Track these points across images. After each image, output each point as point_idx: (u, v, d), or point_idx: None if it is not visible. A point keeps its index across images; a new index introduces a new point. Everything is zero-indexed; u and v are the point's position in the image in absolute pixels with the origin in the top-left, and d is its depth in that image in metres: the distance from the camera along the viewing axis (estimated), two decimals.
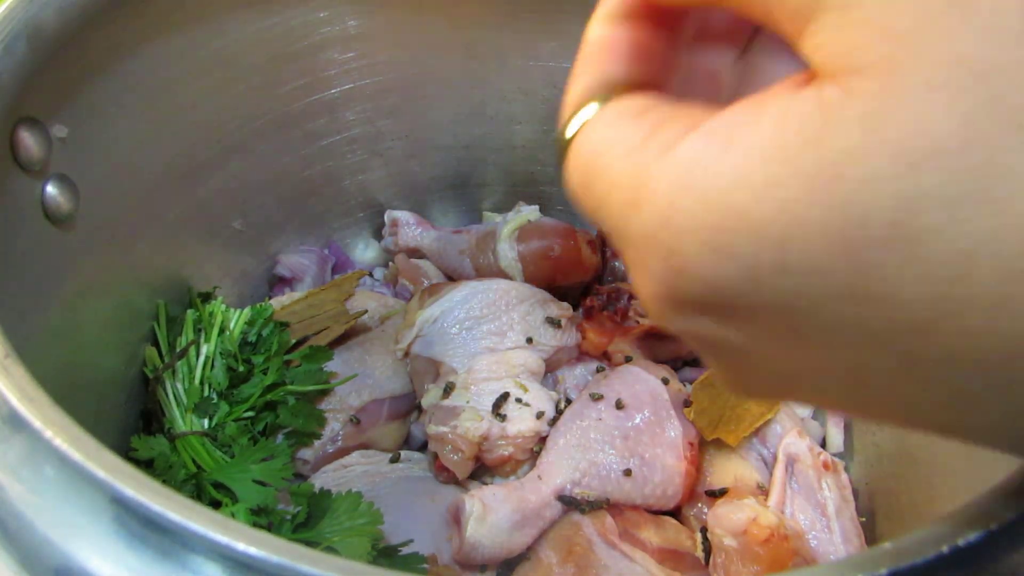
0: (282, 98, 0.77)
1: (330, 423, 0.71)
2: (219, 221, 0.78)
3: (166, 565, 0.26)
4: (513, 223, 0.84)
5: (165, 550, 0.27)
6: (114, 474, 0.27)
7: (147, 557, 0.27)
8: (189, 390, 0.68)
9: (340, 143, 0.83)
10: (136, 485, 0.26)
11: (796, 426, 0.72)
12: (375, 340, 0.77)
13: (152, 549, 0.27)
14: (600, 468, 0.66)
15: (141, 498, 0.26)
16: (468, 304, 0.75)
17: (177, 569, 0.26)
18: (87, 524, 0.28)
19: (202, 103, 0.70)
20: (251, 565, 0.25)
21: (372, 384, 0.74)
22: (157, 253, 0.71)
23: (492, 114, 0.86)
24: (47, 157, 0.55)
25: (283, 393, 0.70)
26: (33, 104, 0.53)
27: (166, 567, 0.26)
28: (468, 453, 0.67)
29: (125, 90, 0.61)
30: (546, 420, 0.70)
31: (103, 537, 0.27)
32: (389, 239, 0.89)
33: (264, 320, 0.74)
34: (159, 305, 0.71)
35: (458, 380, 0.71)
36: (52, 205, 0.56)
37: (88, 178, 0.59)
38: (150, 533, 0.27)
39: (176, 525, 0.26)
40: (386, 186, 0.89)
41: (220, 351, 0.71)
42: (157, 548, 0.27)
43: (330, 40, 0.76)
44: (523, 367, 0.73)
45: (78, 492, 0.28)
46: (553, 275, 0.82)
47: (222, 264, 0.80)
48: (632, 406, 0.69)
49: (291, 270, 0.85)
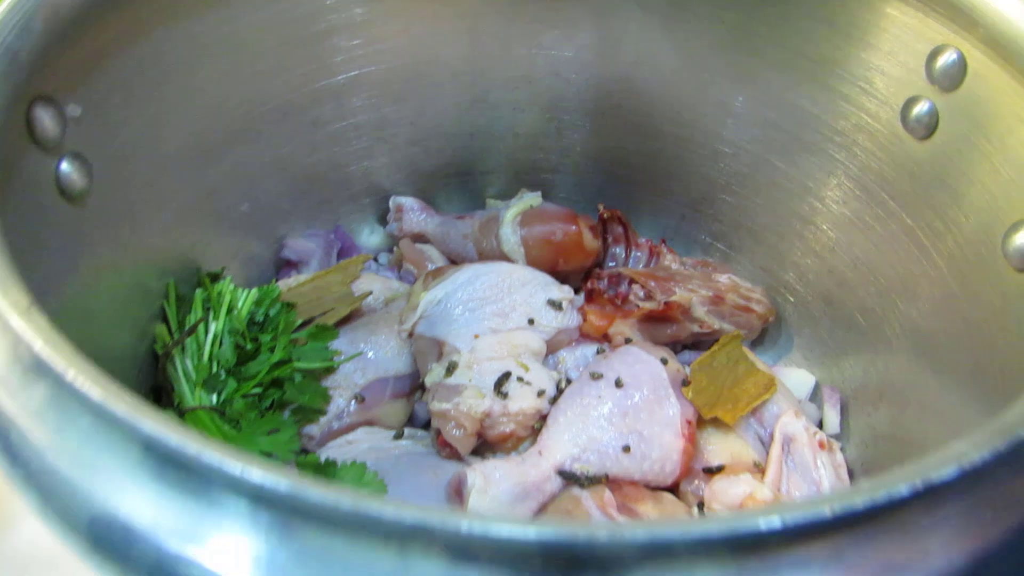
0: (289, 84, 0.78)
1: (335, 400, 0.72)
2: (227, 204, 0.79)
3: (190, 500, 0.28)
4: (516, 208, 0.85)
5: (189, 486, 0.28)
6: (138, 412, 0.28)
7: (172, 493, 0.28)
8: (198, 366, 0.69)
9: (346, 129, 0.84)
10: (158, 422, 0.28)
11: (793, 407, 0.74)
12: (380, 321, 0.78)
13: (176, 485, 0.28)
14: (599, 444, 0.67)
15: (165, 434, 0.28)
16: (472, 286, 0.76)
17: (201, 503, 0.28)
18: (113, 465, 0.29)
19: (211, 87, 0.71)
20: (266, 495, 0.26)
21: (377, 363, 0.75)
22: (167, 233, 0.72)
23: (495, 102, 0.87)
24: (62, 135, 0.56)
25: (290, 370, 0.71)
26: (49, 83, 0.54)
27: (190, 502, 0.28)
28: (470, 429, 0.69)
29: (138, 72, 0.63)
30: (547, 398, 0.71)
31: (129, 476, 0.29)
32: (393, 224, 0.90)
33: (271, 300, 0.75)
34: (169, 284, 0.73)
35: (461, 359, 0.72)
36: (66, 182, 0.57)
37: (101, 157, 0.60)
38: (174, 470, 0.28)
39: (197, 459, 0.27)
40: (391, 172, 0.90)
41: (228, 329, 0.72)
42: (181, 484, 0.28)
43: (337, 27, 0.77)
44: (525, 347, 0.74)
45: (103, 433, 0.29)
46: (555, 259, 0.84)
47: (230, 246, 0.81)
48: (631, 384, 0.70)
49: (297, 253, 0.86)
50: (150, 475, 0.29)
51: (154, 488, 0.29)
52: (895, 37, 0.65)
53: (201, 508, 0.29)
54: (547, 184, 0.93)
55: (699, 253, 0.91)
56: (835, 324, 0.80)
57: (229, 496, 0.28)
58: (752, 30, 0.74)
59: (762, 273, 0.86)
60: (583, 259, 0.85)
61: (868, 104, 0.69)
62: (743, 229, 0.86)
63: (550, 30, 0.82)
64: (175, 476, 0.28)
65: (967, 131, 0.61)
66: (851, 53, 0.68)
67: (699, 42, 0.78)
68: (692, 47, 0.79)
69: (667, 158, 0.87)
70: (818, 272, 0.81)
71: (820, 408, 0.80)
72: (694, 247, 0.91)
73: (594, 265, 0.87)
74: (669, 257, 0.87)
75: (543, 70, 0.85)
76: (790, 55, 0.73)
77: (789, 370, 0.83)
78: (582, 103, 0.87)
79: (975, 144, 0.60)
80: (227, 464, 0.27)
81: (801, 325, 0.84)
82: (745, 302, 0.82)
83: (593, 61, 0.84)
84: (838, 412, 0.79)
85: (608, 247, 0.89)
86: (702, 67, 0.80)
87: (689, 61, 0.80)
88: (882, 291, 0.74)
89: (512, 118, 0.89)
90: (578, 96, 0.87)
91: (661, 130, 0.86)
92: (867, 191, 0.73)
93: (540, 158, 0.92)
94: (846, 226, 0.76)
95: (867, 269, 0.75)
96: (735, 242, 0.88)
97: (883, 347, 0.74)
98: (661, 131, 0.86)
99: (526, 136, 0.91)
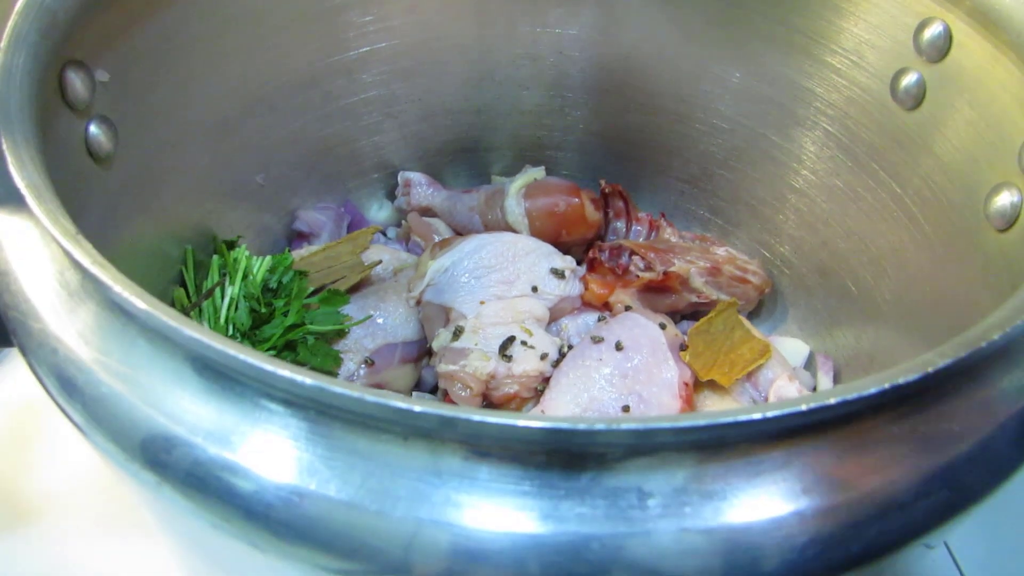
0: (304, 57, 0.81)
1: (346, 363, 0.75)
2: (243, 175, 0.82)
3: (228, 404, 0.31)
4: (520, 181, 0.88)
5: (229, 391, 0.31)
6: (181, 323, 0.31)
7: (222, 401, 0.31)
8: (215, 328, 0.72)
9: (357, 104, 0.87)
10: (199, 331, 0.31)
11: (787, 371, 0.76)
12: (389, 289, 0.81)
13: (217, 391, 0.31)
14: (600, 404, 0.70)
15: (206, 340, 0.30)
16: (478, 254, 0.79)
17: (239, 408, 0.30)
18: (157, 375, 0.32)
19: (233, 58, 0.74)
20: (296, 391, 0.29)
21: (386, 329, 0.78)
22: (186, 201, 0.75)
23: (501, 79, 0.90)
24: (91, 99, 0.59)
25: (302, 333, 0.74)
26: (80, 47, 0.57)
27: (228, 405, 0.31)
28: (476, 390, 0.72)
29: (162, 40, 0.66)
30: (549, 361, 0.74)
31: (173, 384, 0.32)
32: (402, 199, 0.93)
33: (284, 268, 0.78)
34: (187, 250, 0.76)
35: (467, 324, 0.75)
36: (95, 143, 0.60)
37: (126, 122, 0.63)
38: (214, 376, 0.31)
39: (236, 360, 0.30)
40: (399, 148, 0.93)
41: (244, 294, 0.75)
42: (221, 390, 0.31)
43: (350, 2, 0.80)
44: (529, 313, 0.77)
45: (149, 345, 0.32)
46: (558, 231, 0.86)
47: (244, 216, 0.84)
48: (631, 348, 0.73)
49: (309, 225, 0.89)
50: (193, 383, 0.31)
51: (197, 395, 0.31)
52: (884, 11, 0.67)
53: (238, 412, 0.31)
54: (551, 161, 0.96)
55: (698, 228, 0.93)
56: (828, 294, 0.83)
57: (264, 399, 0.31)
58: (749, 6, 0.77)
59: (758, 247, 0.89)
60: (585, 231, 0.88)
61: (859, 77, 0.72)
62: (740, 203, 0.89)
63: (555, 8, 0.85)
64: (216, 382, 0.31)
65: (953, 100, 0.63)
66: (843, 27, 0.71)
67: (698, 19, 0.80)
68: (691, 24, 0.81)
69: (667, 134, 0.90)
70: (812, 244, 0.83)
71: (814, 376, 0.83)
72: (693, 222, 0.94)
73: (596, 237, 0.90)
74: (668, 231, 0.90)
75: (548, 48, 0.88)
76: (785, 30, 0.76)
77: (784, 339, 0.86)
78: (585, 81, 0.90)
79: (960, 112, 0.63)
80: (259, 364, 0.30)
81: (796, 297, 0.87)
82: (742, 273, 0.85)
83: (596, 39, 0.86)
84: (831, 379, 0.82)
85: (609, 221, 0.92)
86: (701, 44, 0.82)
87: (688, 38, 0.83)
88: (873, 259, 0.76)
89: (517, 95, 0.92)
90: (581, 74, 0.89)
91: (661, 107, 0.88)
92: (858, 162, 0.75)
93: (544, 135, 0.95)
94: (839, 197, 0.79)
95: (859, 239, 0.78)
96: (732, 216, 0.91)
97: (874, 314, 0.77)
98: (661, 108, 0.88)
99: (531, 113, 0.93)
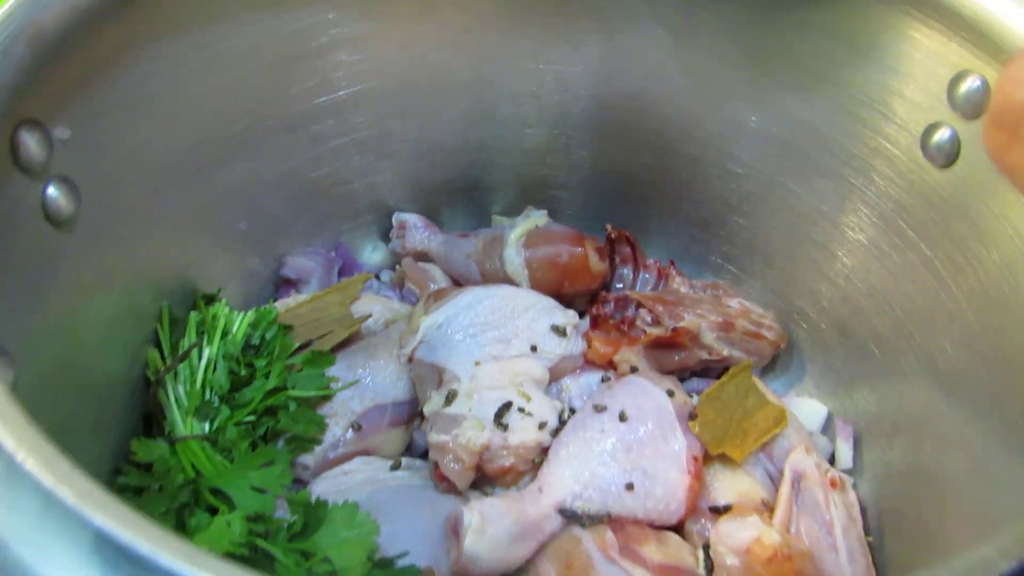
0: (290, 99, 0.76)
1: (331, 428, 0.70)
2: (225, 222, 0.77)
3: None
4: (520, 228, 0.83)
5: None
6: (86, 501, 0.26)
7: None
8: (190, 393, 0.68)
9: (348, 145, 0.82)
10: (108, 514, 0.26)
11: (804, 442, 0.71)
12: (379, 344, 0.76)
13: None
14: (602, 481, 0.65)
15: (112, 528, 0.26)
16: (473, 310, 0.74)
17: None
18: (61, 550, 0.27)
19: (208, 103, 0.69)
20: None
21: (375, 389, 0.73)
22: (162, 253, 0.71)
23: (502, 117, 0.85)
24: (48, 159, 0.55)
25: (284, 398, 0.69)
26: (34, 106, 0.53)
27: None
28: (469, 463, 0.66)
29: (130, 90, 0.61)
30: (548, 430, 0.69)
31: (77, 564, 0.27)
32: (396, 242, 0.89)
33: (268, 323, 0.73)
34: (163, 307, 0.71)
35: (461, 387, 0.70)
36: (53, 207, 0.56)
37: (91, 179, 0.59)
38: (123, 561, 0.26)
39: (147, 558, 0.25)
40: (395, 188, 0.88)
41: (223, 354, 0.70)
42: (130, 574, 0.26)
43: (339, 41, 0.75)
44: (527, 375, 0.72)
45: (53, 517, 0.27)
46: (560, 282, 0.81)
47: (228, 265, 0.79)
48: (636, 418, 0.68)
49: (297, 272, 0.84)
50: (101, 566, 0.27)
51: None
52: (917, 61, 0.62)
53: None
54: (554, 200, 0.91)
55: (709, 275, 0.88)
56: (849, 353, 0.77)
57: None
58: (767, 48, 0.72)
59: (774, 298, 0.84)
60: (589, 282, 0.82)
61: (887, 129, 0.66)
62: (755, 252, 0.84)
63: (558, 45, 0.80)
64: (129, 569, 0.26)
65: (990, 162, 0.58)
66: (871, 76, 0.66)
67: (711, 59, 0.75)
68: (704, 64, 0.76)
69: (677, 176, 0.85)
70: (832, 299, 0.78)
71: (832, 441, 0.77)
72: (704, 269, 0.88)
73: (600, 288, 0.84)
74: (678, 280, 0.85)
75: (551, 86, 0.83)
76: (807, 75, 0.70)
77: (801, 400, 0.80)
78: (590, 119, 0.85)
79: (999, 176, 0.57)
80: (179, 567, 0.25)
81: (814, 353, 0.82)
82: (756, 328, 0.80)
83: (602, 77, 0.81)
84: (851, 446, 0.76)
85: (615, 268, 0.87)
86: (714, 85, 0.77)
87: (701, 78, 0.77)
88: (898, 322, 0.71)
89: (519, 134, 0.87)
90: (586, 112, 0.84)
91: (671, 148, 0.83)
92: (884, 218, 0.70)
93: (547, 174, 0.90)
94: (862, 253, 0.73)
95: (883, 298, 0.72)
96: (746, 265, 0.85)
97: (898, 379, 0.72)
98: (671, 149, 0.83)
99: (534, 152, 0.88)
